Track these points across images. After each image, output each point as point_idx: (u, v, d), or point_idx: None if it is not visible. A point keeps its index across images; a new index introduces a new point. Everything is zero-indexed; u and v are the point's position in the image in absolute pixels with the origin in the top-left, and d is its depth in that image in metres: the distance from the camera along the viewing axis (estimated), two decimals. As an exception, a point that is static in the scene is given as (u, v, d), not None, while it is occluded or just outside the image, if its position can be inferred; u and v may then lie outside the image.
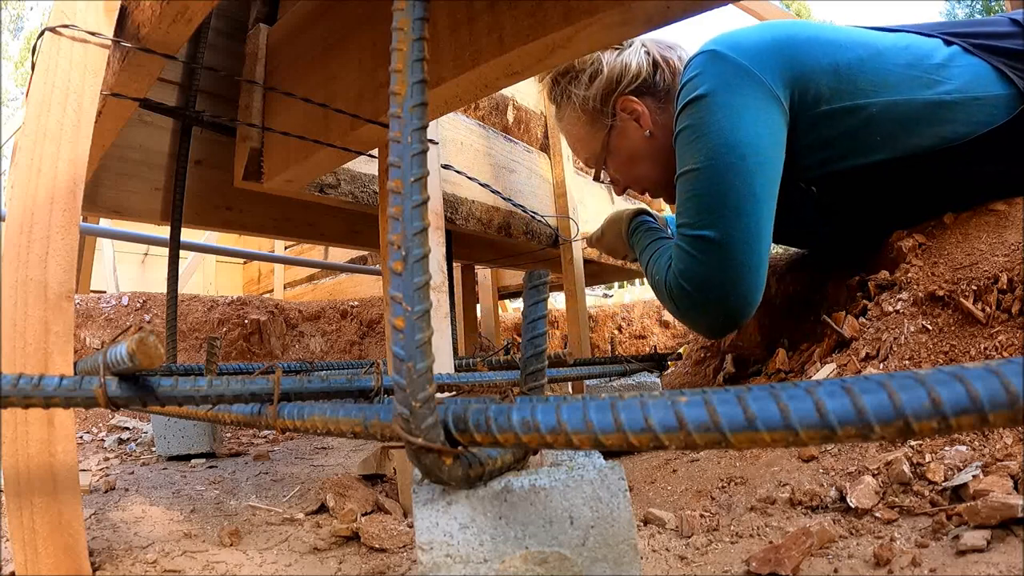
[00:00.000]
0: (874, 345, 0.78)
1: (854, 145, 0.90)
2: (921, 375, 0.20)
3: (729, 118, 0.88)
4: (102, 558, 0.62)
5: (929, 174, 0.90)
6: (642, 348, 2.96)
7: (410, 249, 0.30)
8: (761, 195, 0.88)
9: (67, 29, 0.61)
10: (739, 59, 0.90)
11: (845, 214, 1.00)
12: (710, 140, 0.90)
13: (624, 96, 1.10)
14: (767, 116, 0.89)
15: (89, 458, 1.17)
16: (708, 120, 0.90)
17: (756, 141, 0.88)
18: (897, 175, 0.90)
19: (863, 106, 0.88)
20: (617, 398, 0.25)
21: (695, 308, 0.92)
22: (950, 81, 0.87)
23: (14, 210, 0.56)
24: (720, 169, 0.88)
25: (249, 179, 0.97)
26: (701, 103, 0.91)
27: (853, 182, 0.93)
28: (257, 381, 0.41)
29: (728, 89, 0.89)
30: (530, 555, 0.31)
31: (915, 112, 0.87)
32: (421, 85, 0.32)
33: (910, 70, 0.88)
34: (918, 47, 0.91)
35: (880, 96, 0.87)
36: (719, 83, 0.90)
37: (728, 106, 0.89)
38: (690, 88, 0.93)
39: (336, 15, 0.87)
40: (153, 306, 2.01)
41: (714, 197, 0.89)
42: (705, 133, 0.90)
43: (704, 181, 0.90)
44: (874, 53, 0.90)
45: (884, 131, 0.88)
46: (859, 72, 0.89)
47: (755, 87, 0.89)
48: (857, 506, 0.55)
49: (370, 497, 0.79)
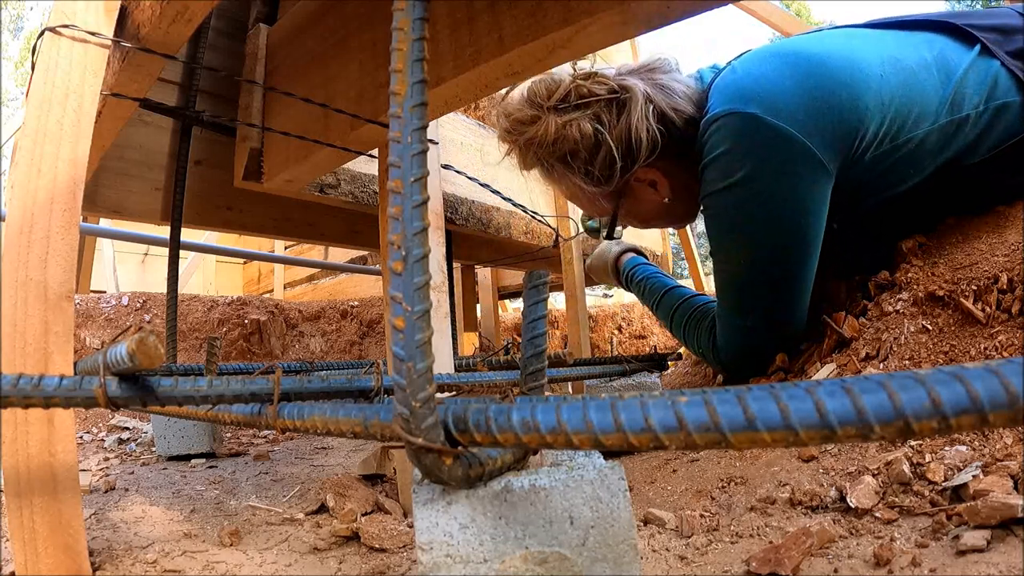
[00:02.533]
0: (874, 345, 0.78)
1: (893, 178, 0.86)
2: (921, 375, 0.20)
3: (777, 210, 0.81)
4: (102, 558, 0.62)
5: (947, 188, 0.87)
6: (642, 348, 2.97)
7: (410, 249, 0.30)
8: (809, 278, 0.88)
9: (67, 29, 0.61)
10: (782, 125, 0.79)
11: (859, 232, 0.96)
12: (757, 236, 0.84)
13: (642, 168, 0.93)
14: (815, 195, 0.82)
15: (89, 458, 1.17)
16: (751, 212, 0.83)
17: (806, 230, 0.83)
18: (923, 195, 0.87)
19: (905, 142, 0.83)
20: (617, 398, 0.25)
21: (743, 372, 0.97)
22: (976, 93, 0.83)
23: (14, 210, 0.56)
24: (767, 270, 0.86)
25: (249, 179, 0.98)
26: (741, 191, 0.82)
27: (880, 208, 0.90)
28: (257, 381, 0.41)
29: (771, 171, 0.80)
30: (530, 555, 0.31)
31: (949, 133, 0.83)
32: (421, 85, 0.32)
33: (943, 90, 0.83)
34: (946, 58, 0.85)
35: (920, 128, 0.82)
36: (761, 162, 0.80)
37: (774, 195, 0.81)
38: (724, 168, 0.83)
39: (336, 15, 0.87)
40: (153, 306, 2.01)
41: (761, 297, 0.88)
42: (750, 227, 0.84)
43: (749, 279, 0.88)
44: (909, 76, 0.83)
45: (924, 159, 0.84)
46: (901, 107, 0.82)
47: (803, 161, 0.80)
48: (857, 506, 0.55)
49: (370, 497, 0.79)
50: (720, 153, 0.83)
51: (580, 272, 1.59)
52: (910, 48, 0.86)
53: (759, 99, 0.80)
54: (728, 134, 0.82)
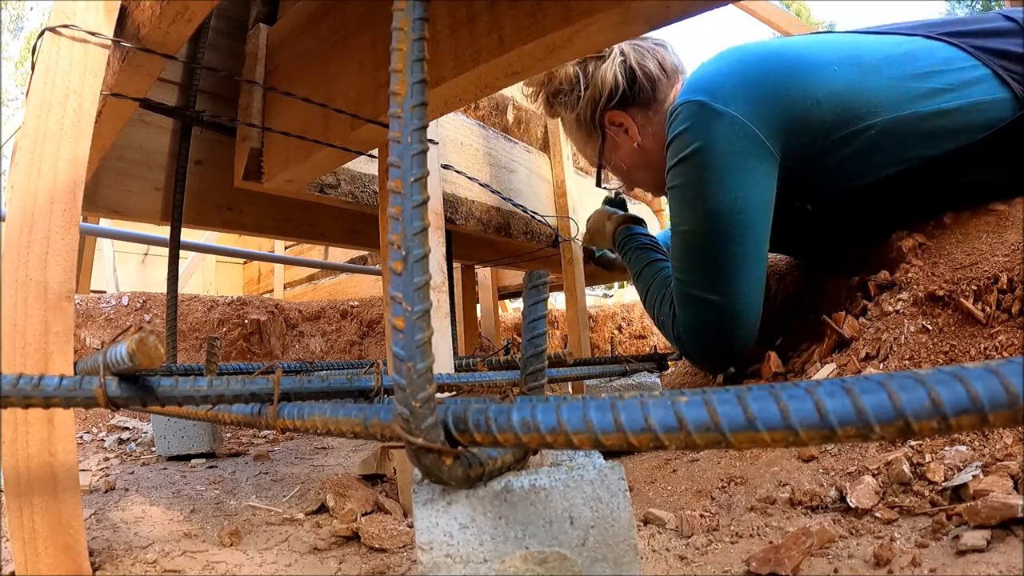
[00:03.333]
0: (874, 345, 0.78)
1: (861, 166, 0.90)
2: (921, 375, 0.20)
3: (719, 180, 0.90)
4: (102, 558, 0.62)
5: (929, 182, 0.89)
6: (642, 348, 2.96)
7: (410, 249, 0.30)
8: (754, 253, 0.93)
9: (67, 29, 0.61)
10: (727, 111, 0.89)
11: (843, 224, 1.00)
12: (701, 203, 0.92)
13: (609, 111, 1.11)
14: (757, 172, 0.90)
15: (89, 458, 1.17)
16: (698, 182, 0.92)
17: (746, 202, 0.90)
18: (898, 186, 0.90)
19: (864, 129, 0.88)
20: (617, 398, 0.25)
21: (699, 357, 1.02)
22: (951, 89, 0.86)
23: (14, 210, 0.56)
24: (713, 234, 0.92)
25: (249, 179, 0.97)
26: (690, 163, 0.92)
27: (858, 199, 0.93)
28: (257, 381, 0.41)
29: (714, 148, 0.90)
30: (530, 555, 0.31)
31: (917, 125, 0.86)
32: (421, 85, 0.32)
33: (909, 82, 0.87)
34: (915, 54, 0.89)
35: (880, 116, 0.87)
36: (707, 141, 0.90)
37: (717, 167, 0.90)
38: (676, 147, 0.94)
39: (336, 15, 0.87)
40: (153, 306, 2.01)
41: (711, 262, 0.93)
42: (696, 195, 0.93)
43: (699, 244, 0.94)
44: (868, 70, 0.89)
45: (888, 149, 0.88)
46: (856, 95, 0.88)
47: (744, 141, 0.89)
48: (857, 506, 0.55)
49: (370, 497, 0.79)
50: (677, 134, 0.95)
51: (580, 272, 1.59)
52: (876, 47, 0.93)
53: (708, 89, 0.92)
54: (682, 119, 0.94)
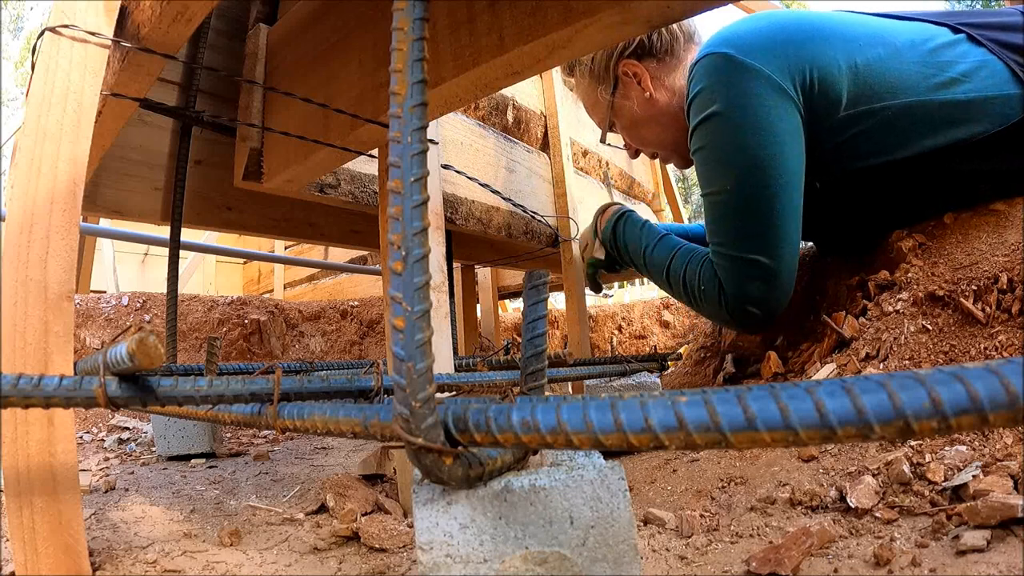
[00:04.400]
0: (874, 345, 0.78)
1: (870, 146, 0.90)
2: (921, 375, 0.20)
3: (753, 135, 0.87)
4: (102, 558, 0.62)
5: (938, 173, 0.89)
6: (642, 348, 2.96)
7: (410, 249, 0.30)
8: (793, 207, 0.90)
9: (67, 29, 0.61)
10: (749, 61, 0.87)
11: (849, 212, 0.99)
12: (734, 162, 0.89)
13: (623, 59, 1.11)
14: (788, 123, 0.88)
15: (89, 458, 1.17)
16: (727, 140, 0.89)
17: (780, 156, 0.87)
18: (907, 174, 0.90)
19: (880, 109, 0.87)
20: (617, 398, 0.25)
21: (745, 321, 0.96)
22: (966, 79, 0.86)
23: (14, 210, 0.56)
24: (752, 193, 0.89)
25: (249, 179, 0.97)
26: (716, 122, 0.89)
27: (864, 181, 0.93)
28: (257, 381, 0.41)
29: (744, 103, 0.87)
30: (530, 555, 0.31)
31: (930, 113, 0.86)
32: (421, 85, 0.32)
33: (927, 68, 0.87)
34: (935, 42, 0.89)
35: (897, 99, 0.86)
36: (733, 97, 0.87)
37: (749, 122, 0.87)
38: (701, 103, 0.91)
39: (336, 15, 0.87)
40: (153, 306, 2.01)
41: (755, 222, 0.90)
42: (727, 155, 0.89)
43: (737, 205, 0.90)
44: (892, 51, 0.88)
45: (900, 132, 0.88)
46: (878, 74, 0.87)
47: (769, 91, 0.86)
48: (857, 506, 0.55)
49: (370, 497, 0.79)
50: (699, 90, 0.91)
51: (580, 272, 1.59)
52: (900, 30, 0.92)
53: (731, 41, 0.90)
54: (704, 72, 0.91)
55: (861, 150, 0.90)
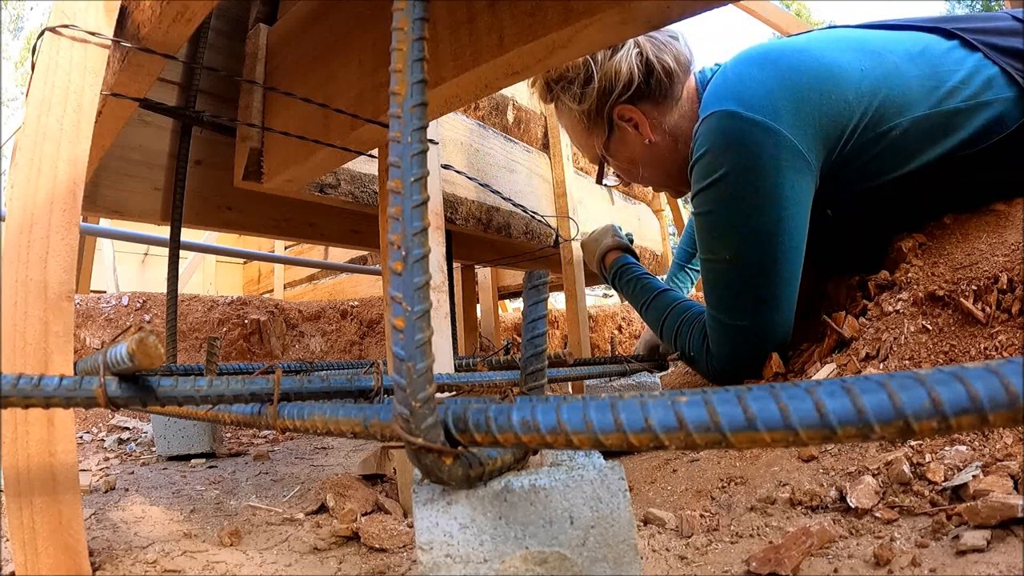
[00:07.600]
0: (874, 345, 0.78)
1: (880, 166, 0.88)
2: (921, 375, 0.20)
3: (759, 202, 0.83)
4: (102, 558, 0.62)
5: (939, 181, 0.89)
6: (642, 348, 2.96)
7: (410, 249, 0.30)
8: (794, 275, 0.89)
9: (67, 29, 0.61)
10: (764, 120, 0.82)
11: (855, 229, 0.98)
12: (737, 231, 0.86)
13: (619, 105, 1.03)
14: (797, 188, 0.84)
15: (89, 458, 1.17)
16: (732, 208, 0.85)
17: (784, 222, 0.84)
18: (911, 185, 0.89)
19: (889, 130, 0.86)
20: (617, 398, 0.25)
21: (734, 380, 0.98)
22: (965, 87, 0.85)
23: (14, 210, 0.56)
24: (752, 262, 0.87)
25: (249, 179, 0.97)
26: (720, 189, 0.85)
27: (871, 198, 0.92)
28: (257, 381, 0.41)
29: (750, 165, 0.83)
30: (530, 555, 0.31)
31: (936, 124, 0.85)
32: (421, 85, 0.32)
33: (928, 81, 0.86)
34: (932, 52, 0.88)
35: (904, 116, 0.85)
36: (739, 160, 0.83)
37: (756, 188, 0.83)
38: (709, 163, 0.86)
39: (336, 15, 0.87)
40: (153, 306, 2.01)
41: (751, 294, 0.89)
42: (730, 224, 0.86)
43: (734, 276, 0.89)
44: (892, 69, 0.86)
45: (907, 147, 0.86)
46: (885, 97, 0.85)
47: (784, 154, 0.82)
48: (857, 506, 0.55)
49: (370, 497, 0.79)
50: (703, 152, 0.87)
51: (580, 272, 1.59)
52: (895, 44, 0.90)
53: (738, 96, 0.84)
54: (709, 133, 0.86)
55: (871, 171, 0.89)
